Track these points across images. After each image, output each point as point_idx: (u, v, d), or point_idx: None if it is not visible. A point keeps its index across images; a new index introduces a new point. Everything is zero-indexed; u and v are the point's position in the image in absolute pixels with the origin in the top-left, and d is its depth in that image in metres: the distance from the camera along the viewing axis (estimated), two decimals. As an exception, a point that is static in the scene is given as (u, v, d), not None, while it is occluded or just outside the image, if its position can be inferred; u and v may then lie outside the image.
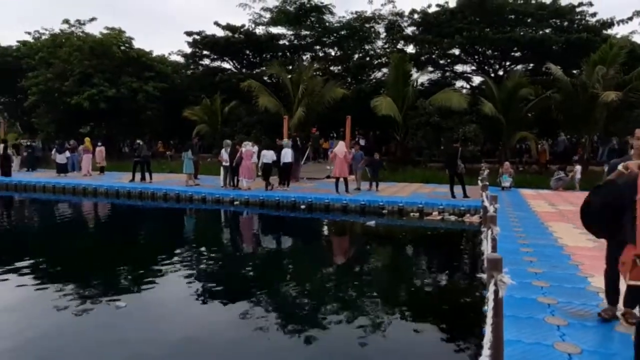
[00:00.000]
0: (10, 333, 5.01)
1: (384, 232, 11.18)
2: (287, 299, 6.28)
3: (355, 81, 28.02)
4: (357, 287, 6.82)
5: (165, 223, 12.89)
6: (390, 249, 10.02)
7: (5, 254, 8.66)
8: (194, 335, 5.02)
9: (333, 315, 5.56)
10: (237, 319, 5.37)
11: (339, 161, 13.62)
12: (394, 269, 8.24)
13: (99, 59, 25.66)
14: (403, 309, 5.89)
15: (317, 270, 7.78)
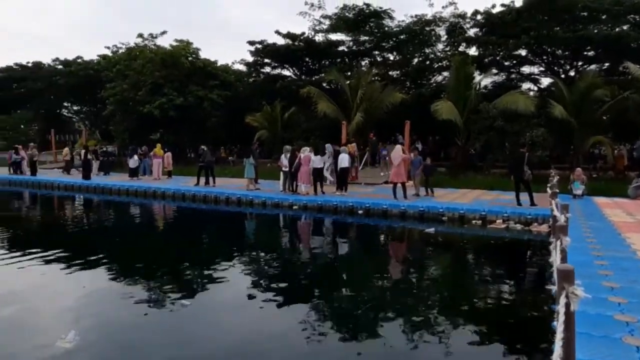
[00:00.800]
0: (86, 324, 5.44)
1: (443, 240, 10.86)
2: (344, 305, 6.29)
3: (414, 85, 27.57)
4: (416, 296, 6.69)
5: (227, 226, 13.38)
6: (451, 257, 9.72)
7: (84, 251, 9.42)
8: (251, 338, 5.16)
9: (390, 324, 5.48)
10: (293, 324, 5.44)
11: (395, 166, 13.47)
12: (455, 279, 7.98)
13: (169, 70, 27.24)
14: (464, 320, 5.69)
15: (374, 277, 7.72)
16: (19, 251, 9.07)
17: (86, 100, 38.13)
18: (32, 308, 6.09)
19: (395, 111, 22.13)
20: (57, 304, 6.28)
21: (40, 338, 5.02)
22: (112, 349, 4.85)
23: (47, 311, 6.03)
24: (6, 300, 6.25)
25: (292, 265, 8.61)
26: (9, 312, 5.81)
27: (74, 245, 10.39)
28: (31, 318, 5.73)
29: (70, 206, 17.31)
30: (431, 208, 12.40)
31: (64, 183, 20.69)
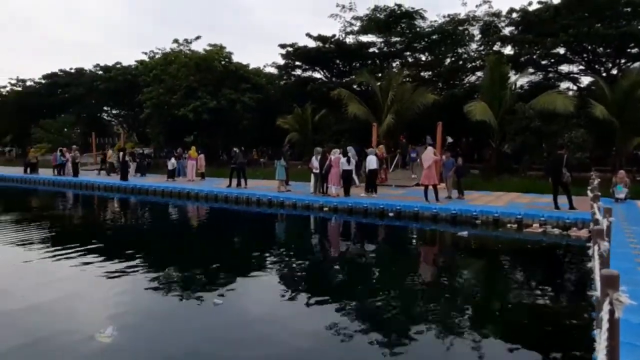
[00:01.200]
0: (123, 320, 5.62)
1: (477, 244, 10.62)
2: (374, 308, 6.23)
3: (446, 86, 27.13)
4: (448, 300, 6.56)
5: (258, 227, 13.54)
6: (485, 261, 9.48)
7: (121, 249, 9.73)
8: (280, 337, 5.20)
9: (420, 329, 5.40)
10: (323, 325, 5.43)
11: (426, 169, 13.29)
12: (489, 283, 7.78)
13: (203, 74, 27.87)
14: (498, 327, 5.54)
15: (405, 281, 7.62)
16: (61, 248, 9.48)
17: (124, 104, 39.48)
18: (73, 302, 6.35)
19: (426, 112, 21.84)
20: (96, 300, 6.53)
21: (81, 332, 5.22)
22: (148, 344, 4.99)
23: (87, 306, 6.28)
24: (50, 294, 6.54)
25: (322, 267, 8.62)
26: (52, 306, 6.08)
27: (111, 243, 10.77)
28: (72, 312, 5.98)
29: (109, 206, 17.95)
30: (464, 211, 12.15)
31: (103, 184, 21.49)
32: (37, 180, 24.89)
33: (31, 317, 5.70)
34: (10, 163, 37.90)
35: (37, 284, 7.11)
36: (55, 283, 7.16)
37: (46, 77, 43.46)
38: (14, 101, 43.25)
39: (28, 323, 5.50)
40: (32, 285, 7.07)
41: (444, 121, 19.00)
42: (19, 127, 42.00)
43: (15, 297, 6.50)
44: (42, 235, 11.20)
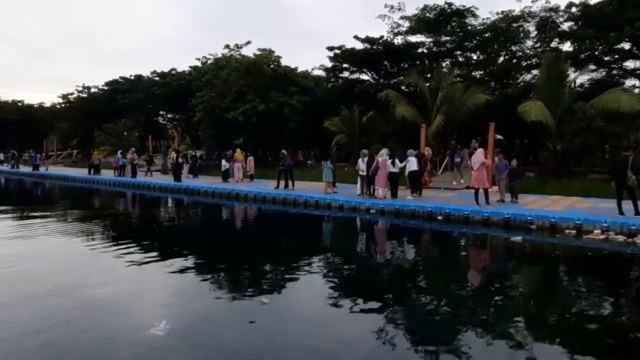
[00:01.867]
0: (176, 314, 5.84)
1: (532, 250, 10.12)
2: (420, 314, 6.10)
3: (499, 86, 26.16)
4: (500, 309, 6.28)
5: (304, 228, 13.65)
6: (540, 269, 9.00)
7: (174, 246, 10.15)
8: (324, 339, 5.20)
9: (470, 338, 5.20)
10: (367, 329, 5.38)
11: (476, 171, 12.86)
12: (545, 292, 7.38)
13: (252, 78, 28.56)
14: (555, 340, 5.23)
15: (454, 287, 7.40)
16: (119, 244, 10.03)
17: (178, 108, 41.22)
18: (131, 296, 6.69)
19: (478, 113, 21.15)
20: (151, 294, 6.85)
21: (136, 324, 5.49)
22: (198, 339, 5.16)
23: (144, 300, 6.59)
24: (107, 288, 6.93)
25: (369, 270, 8.55)
26: (109, 299, 6.44)
27: (165, 241, 11.26)
28: (128, 305, 6.29)
29: (163, 206, 18.78)
30: (518, 215, 11.64)
31: (158, 185, 22.52)
32: (99, 181, 26.51)
33: (93, 307, 6.06)
34: (76, 164, 40.62)
35: (98, 277, 7.56)
36: (114, 277, 7.58)
37: (108, 84, 46.25)
38: (80, 107, 46.37)
39: (90, 313, 5.85)
40: (93, 278, 7.53)
41: (497, 122, 18.31)
42: (84, 131, 44.93)
43: (78, 288, 6.94)
44: (102, 232, 11.91)
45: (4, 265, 8.15)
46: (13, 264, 8.26)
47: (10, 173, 36.46)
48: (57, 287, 7.01)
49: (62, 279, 7.53)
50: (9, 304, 6.23)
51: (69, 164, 41.89)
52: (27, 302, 6.25)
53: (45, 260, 8.85)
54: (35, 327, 5.32)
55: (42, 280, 7.43)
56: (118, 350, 4.83)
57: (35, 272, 7.94)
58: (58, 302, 6.27)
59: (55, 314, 5.80)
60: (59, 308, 6.05)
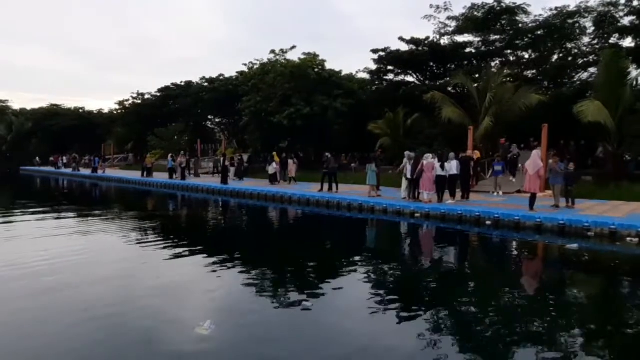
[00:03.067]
0: (220, 314, 5.96)
1: (589, 258, 9.53)
2: (466, 322, 5.89)
3: (553, 85, 24.96)
4: (553, 320, 5.93)
5: (348, 231, 13.59)
6: (599, 278, 8.43)
7: (219, 247, 10.40)
8: (368, 345, 5.12)
9: (519, 351, 4.95)
10: (412, 337, 5.27)
11: (531, 174, 12.30)
12: (603, 304, 6.91)
13: (297, 82, 28.85)
14: (613, 355, 4.89)
15: (503, 295, 7.09)
16: (168, 243, 10.41)
17: (226, 112, 42.36)
18: (175, 295, 6.91)
19: (529, 114, 20.24)
20: (198, 293, 7.04)
21: (182, 323, 5.66)
22: (242, 339, 5.25)
23: (190, 299, 6.79)
24: (155, 287, 7.20)
25: (413, 276, 8.37)
26: (157, 298, 6.68)
27: (211, 242, 11.58)
28: (174, 304, 6.50)
29: (210, 207, 19.32)
30: (574, 221, 11.02)
31: (206, 187, 23.22)
32: (152, 183, 27.70)
33: (141, 305, 6.32)
34: (130, 167, 42.70)
35: (148, 275, 7.88)
36: (163, 275, 7.87)
37: (160, 90, 48.32)
38: (134, 112, 48.77)
39: (138, 311, 6.10)
40: (142, 276, 7.86)
41: (550, 123, 17.46)
42: (138, 135, 47.18)
43: (128, 286, 7.26)
44: (152, 231, 12.41)
45: (71, 254, 8.69)
46: (77, 254, 8.79)
47: (71, 175, 38.89)
48: (112, 279, 7.38)
49: (116, 272, 7.92)
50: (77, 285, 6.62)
51: (123, 167, 44.09)
52: (84, 287, 6.62)
53: (102, 254, 9.34)
54: (98, 305, 5.62)
55: (100, 271, 7.85)
56: (164, 345, 5.00)
57: (94, 263, 8.40)
58: (115, 291, 6.60)
59: (114, 301, 6.11)
60: (115, 298, 6.36)
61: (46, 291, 6.95)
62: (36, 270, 8.16)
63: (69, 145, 54.98)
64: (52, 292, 6.91)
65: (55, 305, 6.34)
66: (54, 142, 58.24)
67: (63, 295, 6.80)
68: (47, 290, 7.00)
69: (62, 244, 10.47)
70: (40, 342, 5.13)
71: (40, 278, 7.69)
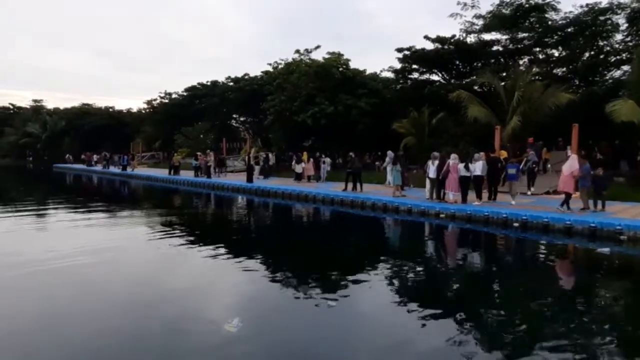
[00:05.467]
0: (248, 312, 6.10)
1: (622, 263, 9.29)
2: (492, 325, 5.84)
3: (584, 83, 24.25)
4: (582, 326, 5.84)
5: (372, 231, 13.59)
6: (632, 284, 8.21)
7: (244, 245, 10.58)
8: (392, 346, 5.16)
9: (543, 353, 4.89)
10: (435, 335, 5.30)
11: (566, 175, 12.09)
12: (637, 311, 6.74)
13: (321, 81, 28.93)
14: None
15: (531, 299, 6.96)
16: (193, 242, 10.66)
17: (251, 111, 42.86)
18: (204, 292, 7.10)
19: (559, 113, 19.75)
20: (225, 291, 7.22)
21: (212, 320, 5.82)
22: (268, 338, 5.36)
23: (218, 296, 6.96)
24: (183, 284, 7.40)
25: (437, 277, 8.34)
26: (185, 295, 6.87)
27: (237, 240, 11.78)
28: (203, 302, 6.68)
29: (235, 205, 19.62)
30: (606, 224, 10.74)
31: (231, 185, 23.57)
32: (178, 181, 28.29)
33: (170, 302, 6.52)
34: (158, 165, 43.68)
35: (176, 272, 8.11)
36: (191, 272, 8.08)
37: (187, 89, 49.26)
38: (162, 112, 49.88)
39: (167, 308, 6.30)
40: (171, 273, 8.09)
41: (581, 123, 17.02)
42: (165, 134, 48.21)
43: (157, 282, 7.50)
44: (179, 228, 12.71)
45: (102, 250, 9.04)
46: (108, 250, 9.13)
47: (102, 173, 40.07)
48: (141, 276, 7.63)
49: (144, 269, 8.18)
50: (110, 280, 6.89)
51: (151, 165, 45.11)
52: (115, 283, 6.88)
53: (131, 251, 9.66)
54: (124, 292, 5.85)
55: (129, 268, 8.12)
56: (194, 342, 5.16)
57: (123, 259, 8.70)
58: (142, 290, 6.84)
59: (144, 298, 6.33)
60: (142, 295, 6.59)
61: (77, 285, 7.25)
62: (68, 264, 8.51)
63: (100, 143, 56.64)
64: (83, 286, 7.20)
65: (84, 299, 6.60)
66: (85, 141, 60.16)
67: (93, 289, 7.07)
68: (78, 284, 7.31)
69: (94, 240, 10.86)
70: (65, 334, 5.37)
71: (72, 273, 8.02)
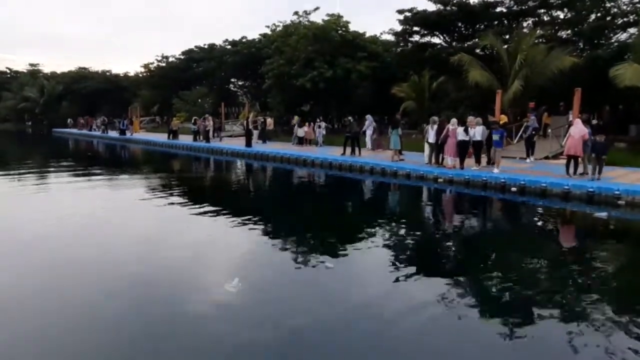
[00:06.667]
0: (247, 274, 6.18)
1: (618, 227, 9.36)
2: (487, 286, 5.92)
3: (589, 47, 23.73)
4: (578, 288, 5.91)
5: (370, 195, 13.66)
6: (628, 248, 8.28)
7: (243, 209, 10.63)
8: (389, 306, 5.26)
9: (538, 314, 5.00)
10: (431, 297, 5.38)
11: (573, 139, 12.03)
12: (630, 274, 6.84)
13: (320, 44, 28.29)
14: (636, 324, 4.90)
15: (526, 262, 7.06)
16: (193, 205, 10.71)
17: (249, 75, 42.22)
18: (204, 254, 7.19)
19: (562, 77, 19.42)
20: (225, 253, 7.30)
21: (211, 281, 5.92)
22: (267, 298, 5.46)
23: (218, 258, 7.05)
24: (184, 245, 7.48)
25: (434, 240, 8.42)
26: (186, 256, 6.95)
27: (236, 203, 11.84)
28: (204, 263, 6.77)
29: (234, 170, 19.62)
30: (604, 189, 10.76)
31: (230, 150, 23.49)
32: (177, 145, 28.18)
33: (171, 262, 6.60)
34: (156, 130, 43.37)
35: (176, 234, 8.18)
36: (191, 234, 8.15)
37: (184, 53, 48.30)
38: (159, 75, 49.09)
39: (168, 268, 6.38)
40: (171, 234, 8.16)
41: (584, 87, 16.76)
42: (163, 98, 47.65)
43: (158, 243, 7.57)
44: (179, 192, 12.74)
45: (100, 213, 9.09)
46: (106, 212, 9.19)
47: (101, 137, 39.84)
48: (141, 238, 7.71)
49: (144, 231, 8.26)
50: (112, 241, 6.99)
51: (150, 130, 44.80)
52: (114, 245, 6.97)
53: (131, 213, 9.72)
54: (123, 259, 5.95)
55: (129, 230, 8.20)
56: (194, 303, 5.26)
57: (123, 221, 8.77)
58: (144, 249, 6.93)
59: (144, 259, 6.42)
60: (145, 255, 6.68)
61: (76, 246, 7.33)
62: (67, 225, 8.57)
63: (98, 108, 56.08)
64: (82, 248, 7.28)
65: (83, 261, 6.67)
66: (83, 105, 59.52)
67: (92, 251, 7.15)
68: (77, 245, 7.39)
69: (92, 202, 10.90)
70: (64, 295, 5.46)
71: (71, 234, 8.10)
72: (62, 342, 4.36)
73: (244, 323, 4.77)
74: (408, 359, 4.16)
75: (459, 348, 4.31)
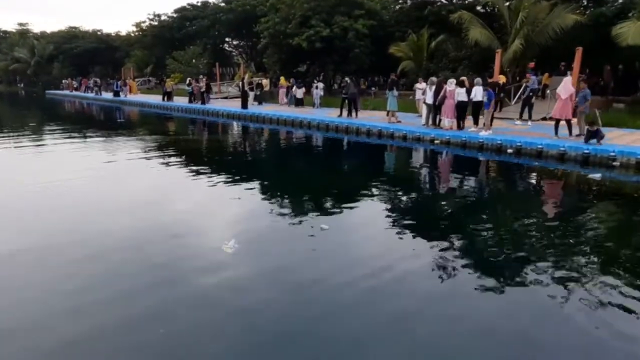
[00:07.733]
0: (243, 235, 6.26)
1: (612, 188, 9.42)
2: (481, 246, 6.04)
3: (592, 4, 23.06)
4: (572, 248, 6.01)
5: (366, 157, 13.64)
6: (621, 208, 8.33)
7: (240, 171, 10.64)
8: (384, 265, 5.36)
9: (532, 272, 5.12)
10: (427, 258, 5.49)
11: (562, 100, 11.87)
12: (622, 233, 6.95)
13: (317, 1, 27.39)
14: (630, 279, 5.02)
15: (522, 222, 7.16)
16: (189, 168, 10.70)
17: (243, 35, 41.11)
18: (201, 216, 7.25)
19: (564, 36, 18.98)
20: (221, 215, 7.36)
21: (208, 242, 6.00)
22: (264, 259, 5.55)
23: (215, 220, 7.12)
24: (180, 207, 7.54)
25: (429, 201, 8.50)
26: (183, 217, 7.02)
27: (232, 166, 11.82)
28: (201, 224, 6.84)
29: (230, 132, 19.47)
30: (599, 151, 10.77)
31: (226, 111, 23.23)
32: (172, 107, 27.81)
33: (168, 223, 6.67)
34: (150, 91, 42.66)
35: (173, 195, 8.22)
36: (188, 196, 8.20)
37: (177, 11, 46.78)
38: (151, 35, 47.75)
39: (165, 228, 6.45)
40: (168, 196, 8.21)
41: (586, 46, 16.40)
42: (156, 58, 46.56)
43: (155, 204, 7.62)
44: (174, 155, 12.70)
45: (98, 177, 9.09)
46: (103, 176, 9.20)
47: (95, 99, 39.23)
48: (139, 201, 7.75)
49: (141, 194, 8.29)
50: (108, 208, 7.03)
51: (144, 91, 44.06)
52: (111, 209, 7.02)
53: (127, 177, 9.73)
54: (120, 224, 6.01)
55: (126, 193, 8.23)
56: (191, 262, 5.35)
57: (119, 185, 8.79)
58: (139, 212, 6.98)
59: (141, 221, 6.49)
60: (142, 218, 6.74)
61: (76, 209, 7.38)
62: (64, 188, 8.59)
63: (90, 68, 54.90)
64: (82, 210, 7.33)
65: (83, 224, 6.74)
66: (75, 66, 58.23)
67: (91, 216, 7.20)
68: (77, 208, 7.43)
69: (91, 166, 10.88)
70: (60, 256, 5.55)
71: (70, 196, 8.13)
72: (61, 306, 4.47)
73: (240, 282, 4.87)
74: (403, 306, 4.27)
75: (450, 294, 4.44)
